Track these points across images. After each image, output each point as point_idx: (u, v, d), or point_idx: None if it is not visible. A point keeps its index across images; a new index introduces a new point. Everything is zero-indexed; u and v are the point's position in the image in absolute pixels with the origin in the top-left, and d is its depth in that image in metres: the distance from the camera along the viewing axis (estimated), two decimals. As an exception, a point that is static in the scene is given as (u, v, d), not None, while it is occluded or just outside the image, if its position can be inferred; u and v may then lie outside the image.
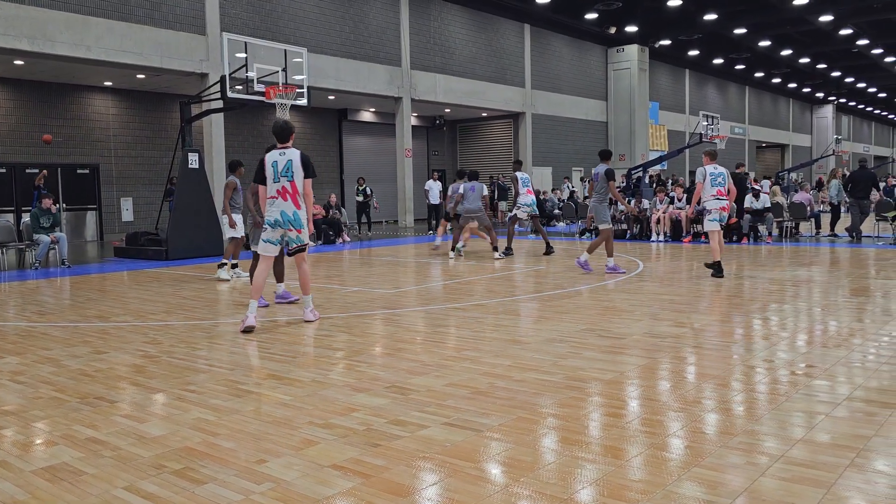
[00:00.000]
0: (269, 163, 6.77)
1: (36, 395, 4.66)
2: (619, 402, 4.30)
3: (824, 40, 35.12)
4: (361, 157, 27.26)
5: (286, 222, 6.73)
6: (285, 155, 6.75)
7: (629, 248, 14.69)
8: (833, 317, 6.89)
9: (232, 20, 18.64)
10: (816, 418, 3.87)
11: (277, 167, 6.70)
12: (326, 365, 5.33)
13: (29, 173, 18.52)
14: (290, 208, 6.71)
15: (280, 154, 6.77)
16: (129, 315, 7.78)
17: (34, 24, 15.04)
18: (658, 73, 35.75)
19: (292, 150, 6.80)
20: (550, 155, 29.77)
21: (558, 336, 6.14)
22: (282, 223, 6.74)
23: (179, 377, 5.04)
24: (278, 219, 6.72)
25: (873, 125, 66.45)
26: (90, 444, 3.70)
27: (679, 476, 3.14)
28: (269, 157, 6.80)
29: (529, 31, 28.37)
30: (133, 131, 21.02)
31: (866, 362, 5.07)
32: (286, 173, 6.69)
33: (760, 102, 47.03)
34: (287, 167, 6.69)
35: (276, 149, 6.86)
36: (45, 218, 13.05)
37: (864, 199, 15.54)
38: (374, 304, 8.19)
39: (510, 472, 3.24)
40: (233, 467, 3.35)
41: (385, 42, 22.82)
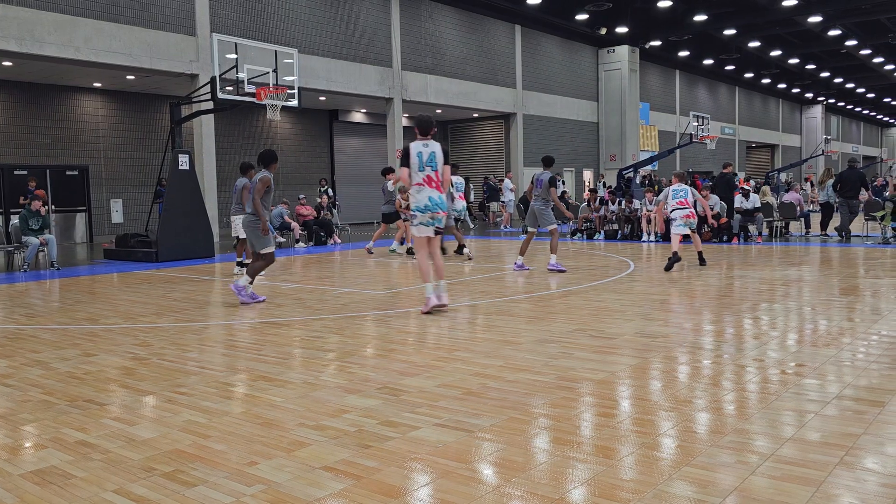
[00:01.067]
0: (414, 152, 7.31)
1: (25, 398, 4.63)
2: (611, 402, 4.31)
3: (813, 41, 35.34)
4: (352, 157, 27.24)
5: (434, 206, 7.31)
6: (428, 146, 7.36)
7: (620, 249, 14.73)
8: (823, 316, 6.92)
9: (222, 21, 18.58)
10: (806, 417, 3.89)
11: (422, 157, 7.29)
12: (318, 366, 5.32)
13: (18, 175, 18.41)
14: (435, 194, 7.32)
15: (424, 145, 7.35)
16: (119, 317, 7.74)
17: (22, 24, 14.95)
18: (648, 74, 35.86)
19: (434, 142, 7.45)
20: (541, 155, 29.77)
21: (550, 336, 6.14)
22: (430, 207, 7.30)
23: (169, 379, 5.02)
24: (427, 203, 7.30)
25: (862, 125, 66.87)
26: (79, 448, 3.68)
27: (670, 475, 3.14)
28: (413, 147, 7.33)
29: (520, 31, 28.41)
30: (123, 132, 20.92)
31: (856, 361, 5.10)
32: (430, 162, 7.30)
33: (750, 103, 47.25)
34: (431, 157, 7.31)
35: (418, 140, 7.40)
36: (34, 220, 12.98)
37: (854, 199, 15.63)
38: (365, 305, 8.18)
39: (502, 473, 3.24)
40: (223, 469, 3.33)
41: (376, 43, 22.80)
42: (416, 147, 7.34)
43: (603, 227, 18.09)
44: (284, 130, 24.97)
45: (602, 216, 18.19)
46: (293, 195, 21.06)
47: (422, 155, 7.30)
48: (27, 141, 18.99)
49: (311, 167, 25.93)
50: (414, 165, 7.28)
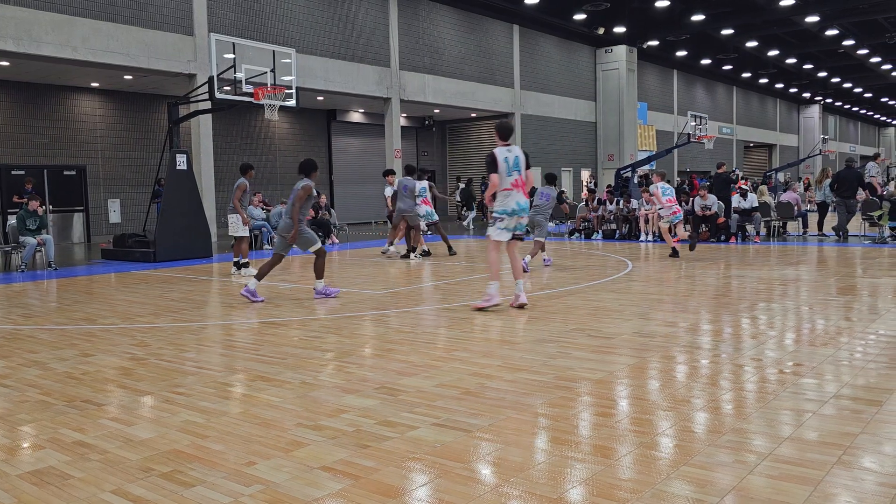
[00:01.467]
0: (500, 158, 7.45)
1: (22, 399, 4.62)
2: (609, 402, 4.31)
3: (811, 41, 35.38)
4: (351, 157, 27.22)
5: (521, 210, 7.50)
6: (512, 151, 7.54)
7: (618, 248, 14.74)
8: (820, 315, 6.93)
9: (220, 20, 18.57)
10: (804, 416, 3.90)
11: (508, 162, 7.45)
12: (316, 366, 5.32)
13: (14, 175, 18.39)
14: (522, 199, 7.51)
15: (507, 150, 7.52)
16: (117, 317, 7.73)
17: (20, 24, 14.93)
18: (646, 74, 35.89)
19: (515, 147, 7.65)
20: (540, 155, 29.79)
21: (548, 336, 6.15)
22: (518, 211, 7.48)
23: (167, 379, 5.01)
24: (515, 208, 7.46)
25: (859, 125, 66.98)
26: (77, 448, 3.68)
27: (668, 475, 3.15)
28: (499, 154, 7.47)
29: (518, 31, 28.42)
30: (120, 132, 20.90)
31: (853, 360, 5.10)
32: (516, 167, 7.47)
33: (748, 102, 47.29)
34: (515, 162, 7.48)
35: (501, 146, 7.57)
36: (32, 220, 12.96)
37: (851, 199, 15.65)
38: (363, 304, 8.18)
39: (500, 473, 3.24)
40: (221, 469, 3.33)
41: (374, 42, 22.80)
42: (501, 153, 7.49)
43: (601, 227, 18.10)
44: (282, 130, 24.95)
45: (600, 216, 18.20)
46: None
47: (507, 160, 7.46)
48: (24, 141, 18.96)
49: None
50: (502, 171, 7.43)
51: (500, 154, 7.47)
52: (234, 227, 11.20)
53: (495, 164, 7.43)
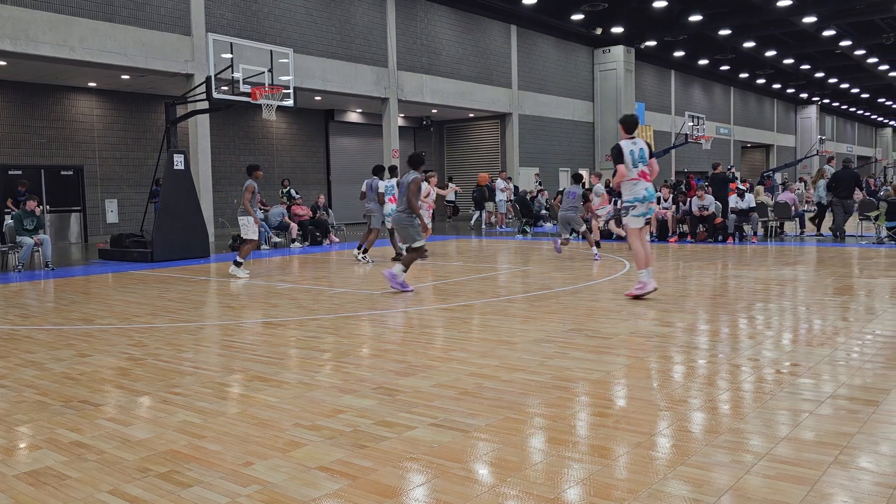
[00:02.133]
0: (626, 151, 7.91)
1: (19, 399, 4.61)
2: (606, 402, 4.31)
3: (808, 41, 35.41)
4: (348, 157, 27.21)
5: (650, 196, 7.96)
6: (637, 144, 7.99)
7: (615, 248, 14.75)
8: (817, 315, 6.94)
9: (217, 20, 18.55)
10: (801, 416, 3.90)
11: (634, 154, 7.91)
12: (313, 366, 5.32)
13: (12, 175, 18.36)
14: (650, 186, 7.98)
15: (633, 143, 7.97)
16: (114, 317, 7.72)
17: (16, 24, 14.90)
18: (644, 74, 35.91)
19: (640, 139, 8.08)
20: (537, 155, 29.84)
21: (545, 336, 6.15)
22: (647, 197, 7.93)
23: (165, 380, 5.01)
24: (645, 195, 7.92)
25: (856, 125, 67.07)
26: (74, 448, 3.67)
27: (665, 475, 3.15)
28: (624, 146, 7.93)
29: (516, 31, 28.42)
30: (118, 132, 20.87)
31: (850, 360, 5.11)
32: (641, 158, 7.92)
33: (745, 103, 47.34)
34: (641, 153, 7.94)
35: (625, 139, 8.02)
36: (29, 220, 12.94)
37: (848, 199, 15.67)
38: (361, 305, 8.18)
39: (497, 473, 3.24)
40: (219, 470, 3.33)
41: (371, 43, 22.79)
42: (626, 146, 7.96)
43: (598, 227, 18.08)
44: (280, 130, 24.94)
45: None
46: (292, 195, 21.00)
47: (633, 152, 7.93)
48: (22, 141, 18.92)
49: (307, 167, 25.90)
50: (628, 162, 7.89)
51: (625, 147, 7.96)
52: (245, 229, 11.15)
53: (621, 155, 7.91)
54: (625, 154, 7.90)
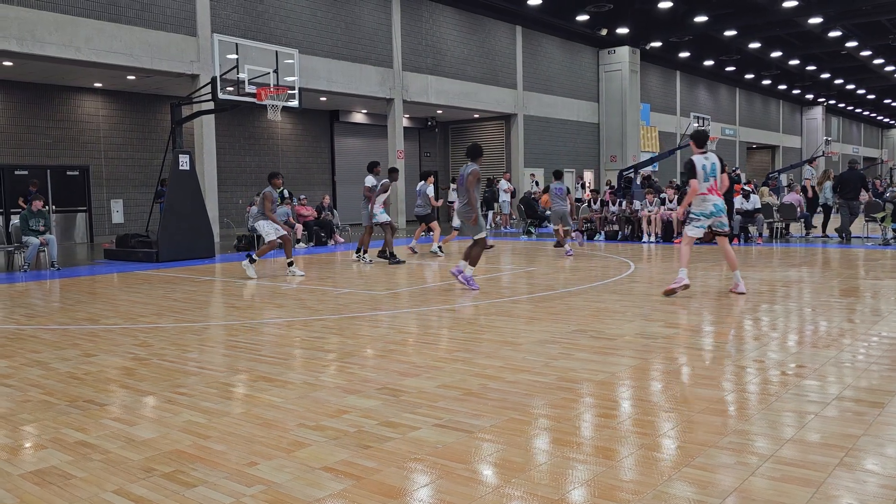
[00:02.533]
0: (699, 165, 8.21)
1: (25, 399, 4.63)
2: (611, 403, 4.31)
3: (814, 42, 35.31)
4: (353, 158, 27.22)
5: (718, 211, 8.23)
6: (709, 159, 8.27)
7: (620, 249, 14.73)
8: (823, 317, 6.92)
9: (223, 21, 18.59)
10: (806, 418, 3.89)
11: (706, 169, 8.20)
12: (318, 367, 5.32)
13: (18, 175, 18.42)
14: (719, 201, 8.25)
15: (705, 158, 8.26)
16: (119, 317, 7.74)
17: (23, 24, 14.95)
18: (649, 75, 35.86)
19: (712, 154, 8.37)
20: (542, 156, 29.81)
21: (550, 337, 6.14)
22: (715, 213, 8.23)
23: (170, 380, 5.02)
24: (712, 210, 8.23)
25: (862, 126, 66.85)
26: (79, 448, 3.68)
27: (670, 476, 3.14)
28: (697, 161, 8.24)
29: (521, 32, 28.41)
30: (123, 133, 20.93)
31: (856, 362, 5.10)
32: (713, 173, 8.21)
33: (751, 104, 47.24)
34: (713, 168, 8.22)
35: (698, 153, 8.30)
36: (35, 220, 12.98)
37: (854, 200, 15.62)
38: (365, 305, 8.18)
39: (502, 473, 3.24)
40: (223, 470, 3.34)
41: (377, 43, 22.81)
42: (699, 160, 8.24)
43: (603, 228, 18.09)
44: (285, 131, 24.97)
45: (602, 217, 18.19)
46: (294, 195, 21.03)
47: (705, 167, 8.20)
48: (28, 141, 18.99)
49: (312, 168, 25.93)
50: (700, 177, 8.18)
51: (698, 162, 8.23)
52: (266, 235, 11.18)
53: (694, 171, 8.20)
54: (697, 169, 8.19)
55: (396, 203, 23.99)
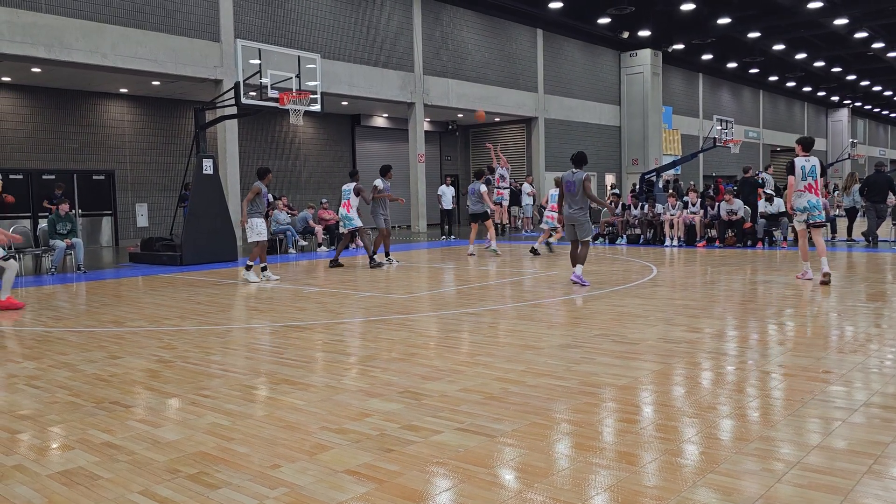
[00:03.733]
0: (798, 166, 9.40)
1: (52, 400, 4.70)
2: (634, 408, 4.28)
3: (839, 44, 34.88)
4: (374, 162, 27.22)
5: (812, 207, 9.38)
6: (810, 161, 9.43)
7: (643, 253, 14.64)
8: (849, 322, 6.82)
9: (246, 27, 18.76)
10: (833, 424, 3.84)
11: (805, 169, 9.38)
12: (340, 370, 5.34)
13: (45, 179, 18.71)
14: (813, 198, 9.38)
15: (806, 160, 9.42)
16: (144, 320, 7.83)
17: (51, 31, 15.20)
18: (671, 78, 35.63)
19: (813, 157, 9.49)
20: (563, 160, 29.65)
21: (572, 341, 6.12)
22: (808, 208, 9.38)
23: (194, 382, 5.07)
24: (805, 206, 9.39)
25: (889, 128, 65.88)
26: (106, 449, 3.73)
27: (694, 482, 3.12)
28: (797, 162, 9.43)
29: (542, 35, 28.37)
30: (148, 137, 21.18)
31: (884, 368, 5.02)
32: (812, 174, 9.37)
33: (775, 106, 46.75)
34: (812, 169, 9.39)
35: (801, 156, 9.47)
36: (62, 224, 13.17)
37: (881, 203, 15.40)
38: (387, 308, 8.20)
39: (524, 478, 3.23)
40: (247, 472, 3.36)
41: (398, 48, 22.89)
42: (799, 162, 9.42)
43: (625, 232, 17.98)
44: (307, 135, 25.13)
45: (625, 220, 18.09)
46: (316, 199, 21.17)
47: (804, 168, 9.37)
48: (55, 146, 19.29)
49: (334, 171, 26.06)
50: (798, 176, 9.38)
51: (798, 162, 9.41)
52: (249, 232, 11.22)
53: (793, 170, 9.40)
54: (796, 169, 9.38)
55: (417, 206, 24.04)
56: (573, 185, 9.57)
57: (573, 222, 9.69)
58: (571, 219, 9.70)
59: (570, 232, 9.83)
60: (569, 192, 9.66)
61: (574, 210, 9.63)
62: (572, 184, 9.59)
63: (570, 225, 9.77)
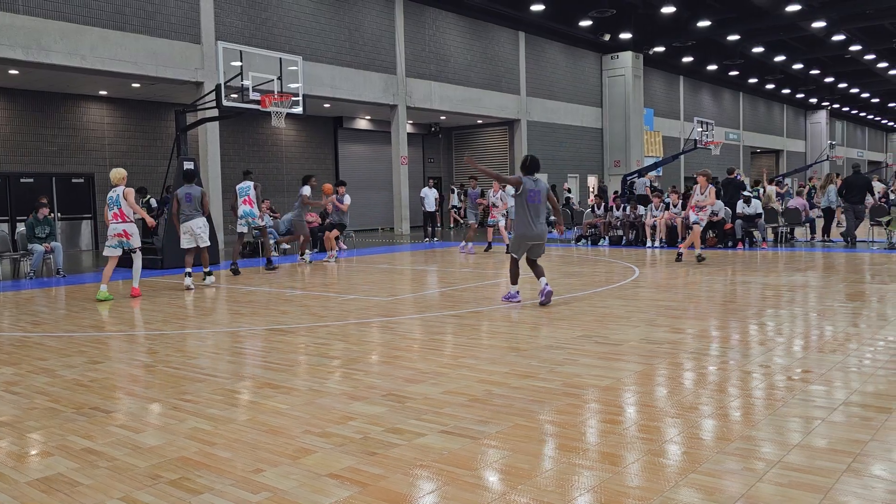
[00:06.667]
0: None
1: (31, 406, 4.64)
2: (617, 409, 4.30)
3: (817, 46, 35.30)
4: (357, 164, 27.28)
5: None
6: None
7: (625, 255, 14.71)
8: (829, 322, 6.90)
9: (227, 29, 18.66)
10: (813, 423, 3.88)
11: None
12: (323, 373, 5.32)
13: (23, 183, 18.49)
14: None
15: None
16: (125, 324, 7.75)
17: (29, 33, 15.03)
18: (652, 80, 35.87)
19: None
20: (546, 161, 29.76)
21: (555, 343, 6.14)
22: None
23: (175, 386, 5.03)
24: None
25: (867, 130, 66.75)
26: (86, 455, 3.69)
27: (676, 482, 3.14)
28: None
29: (524, 38, 28.45)
30: (128, 140, 21.00)
31: (862, 367, 5.08)
32: None
33: (754, 108, 47.21)
34: None
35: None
36: (41, 227, 13.02)
37: (859, 204, 15.59)
38: (370, 311, 8.19)
39: (508, 480, 3.23)
40: (229, 477, 3.34)
41: (380, 50, 22.87)
42: None
43: (607, 234, 18.07)
44: (289, 137, 25.03)
45: (606, 222, 18.18)
46: (298, 202, 21.08)
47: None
48: (33, 149, 19.07)
49: (316, 174, 25.89)
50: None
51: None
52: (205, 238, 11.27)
53: None
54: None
55: (400, 208, 24.01)
56: (538, 194, 8.11)
57: (541, 241, 8.25)
58: (540, 237, 8.20)
59: (535, 251, 8.29)
60: (533, 202, 8.11)
61: (541, 224, 8.22)
62: (537, 193, 8.09)
63: (536, 245, 8.23)
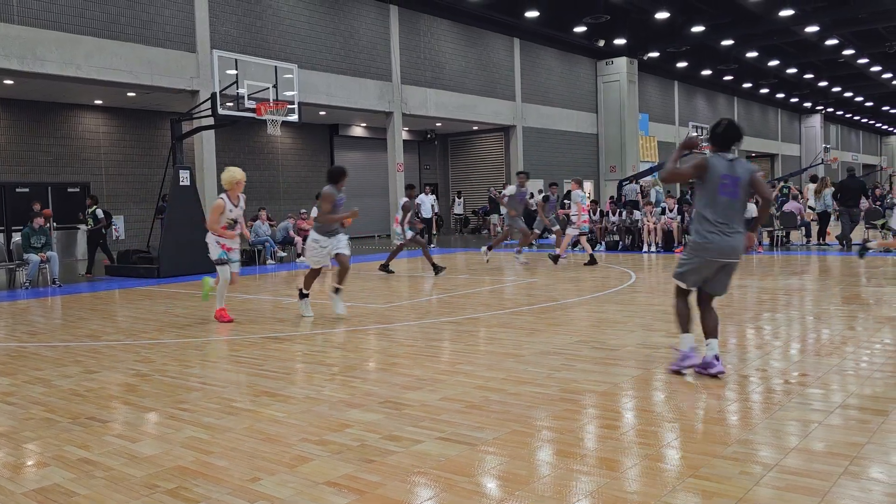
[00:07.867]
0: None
1: (27, 416, 4.62)
2: (614, 414, 4.30)
3: (811, 51, 35.42)
4: (353, 171, 27.02)
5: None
6: None
7: (621, 259, 14.73)
8: (825, 325, 6.91)
9: (222, 37, 18.67)
10: (810, 427, 3.88)
11: None
12: (320, 381, 5.31)
13: (19, 192, 18.46)
14: None
15: None
16: (121, 333, 7.74)
17: (24, 43, 15.03)
18: (647, 85, 35.97)
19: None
20: (541, 167, 29.85)
21: (552, 348, 6.14)
22: None
23: (172, 395, 5.01)
24: None
25: (861, 134, 66.97)
26: (82, 465, 3.67)
27: (674, 487, 3.13)
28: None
29: (519, 44, 28.52)
30: (124, 149, 20.99)
31: (859, 370, 5.09)
32: None
33: (749, 113, 47.35)
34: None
35: None
36: (37, 237, 12.99)
37: (854, 208, 15.64)
38: (367, 318, 8.18)
39: (505, 486, 3.23)
40: (226, 486, 3.33)
41: (375, 57, 22.90)
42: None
43: (604, 238, 18.09)
44: (285, 145, 25.04)
45: (603, 227, 18.20)
46: (295, 209, 21.09)
47: None
48: (29, 158, 19.05)
49: (312, 182, 25.97)
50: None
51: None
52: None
53: None
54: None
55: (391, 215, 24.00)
56: (736, 183, 6.56)
57: (735, 258, 6.31)
58: (734, 252, 6.33)
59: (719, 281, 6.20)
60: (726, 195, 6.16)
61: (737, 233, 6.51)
62: (735, 181, 6.29)
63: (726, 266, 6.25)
